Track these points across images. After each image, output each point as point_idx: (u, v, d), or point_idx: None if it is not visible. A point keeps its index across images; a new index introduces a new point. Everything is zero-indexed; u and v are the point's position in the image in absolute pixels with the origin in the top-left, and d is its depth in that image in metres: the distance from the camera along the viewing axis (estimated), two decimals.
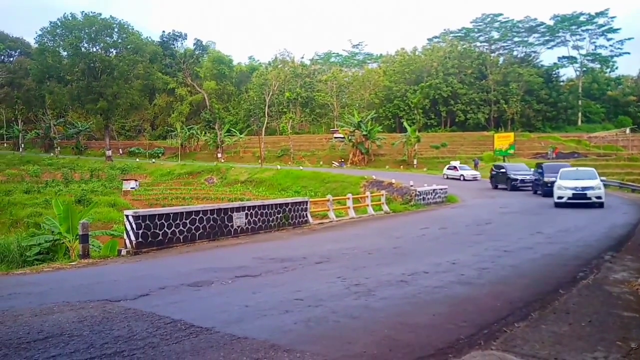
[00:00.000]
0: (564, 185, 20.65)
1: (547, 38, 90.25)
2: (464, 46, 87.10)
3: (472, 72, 79.97)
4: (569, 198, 20.11)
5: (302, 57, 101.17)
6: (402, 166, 57.41)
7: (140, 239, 11.55)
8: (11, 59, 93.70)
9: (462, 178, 41.64)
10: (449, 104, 78.26)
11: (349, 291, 6.90)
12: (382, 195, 23.04)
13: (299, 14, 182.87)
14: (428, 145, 63.40)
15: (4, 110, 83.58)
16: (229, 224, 14.12)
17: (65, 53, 69.11)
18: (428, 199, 24.62)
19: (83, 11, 68.44)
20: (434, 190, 25.49)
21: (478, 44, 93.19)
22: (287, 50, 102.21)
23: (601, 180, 21.69)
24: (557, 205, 20.36)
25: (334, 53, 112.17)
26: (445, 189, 26.59)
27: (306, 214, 17.38)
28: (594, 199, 19.94)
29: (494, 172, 34.91)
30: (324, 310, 5.84)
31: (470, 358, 4.29)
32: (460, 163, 47.03)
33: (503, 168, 34.06)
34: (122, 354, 4.36)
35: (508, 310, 5.78)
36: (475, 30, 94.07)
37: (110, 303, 6.33)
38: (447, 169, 44.93)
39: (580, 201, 19.84)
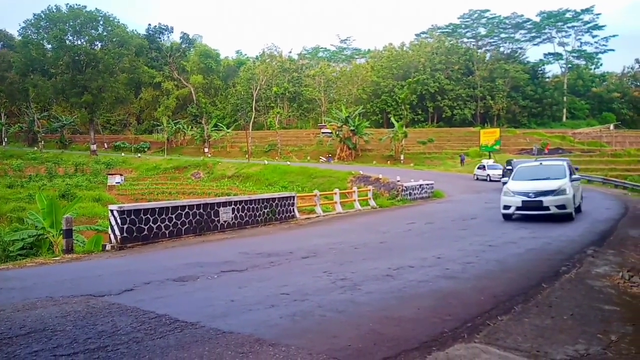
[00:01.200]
0: (513, 190, 14.58)
1: (533, 34, 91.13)
2: (451, 42, 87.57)
3: (459, 68, 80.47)
4: (518, 208, 14.31)
5: (290, 52, 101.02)
6: (389, 161, 57.61)
7: (125, 234, 11.46)
8: None
9: (488, 179, 37.22)
10: (436, 100, 78.69)
11: (335, 285, 6.91)
12: (369, 190, 23.11)
13: (287, 8, 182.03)
14: (415, 141, 63.78)
15: None
16: (216, 219, 14.07)
17: (50, 46, 68.06)
18: (414, 194, 24.74)
19: (68, 3, 67.41)
20: (420, 185, 25.60)
21: (465, 40, 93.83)
22: (274, 44, 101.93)
23: (581, 177, 16.26)
24: (505, 217, 14.74)
25: (321, 48, 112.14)
26: (431, 184, 26.74)
27: (293, 209, 17.38)
28: (554, 210, 13.83)
29: (505, 170, 30.44)
30: (309, 305, 5.85)
31: (453, 351, 4.33)
32: (495, 162, 41.67)
33: (511, 165, 28.69)
34: (106, 349, 4.33)
35: (492, 304, 5.84)
36: (463, 26, 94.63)
37: (94, 298, 6.27)
38: (477, 168, 40.47)
39: (533, 212, 14.13)
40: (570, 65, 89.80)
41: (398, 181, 25.83)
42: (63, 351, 4.30)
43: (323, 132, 68.51)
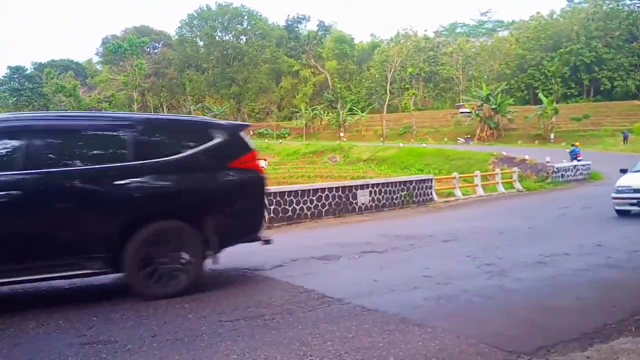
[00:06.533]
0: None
1: None
2: (610, 6, 77.34)
3: (620, 34, 70.84)
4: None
5: (426, 31, 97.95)
6: (536, 141, 53.39)
7: (272, 214, 12.26)
8: (156, 50, 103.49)
9: None
10: (592, 71, 70.44)
11: (480, 270, 6.67)
12: (514, 172, 21.67)
13: None
14: (567, 118, 58.02)
15: (151, 97, 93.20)
16: (354, 201, 14.38)
17: (202, 42, 74.68)
18: (568, 176, 22.69)
19: (217, 1, 73.20)
20: (574, 166, 23.43)
21: (627, 1, 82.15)
22: (409, 24, 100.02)
23: None
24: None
25: (459, 23, 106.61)
26: (588, 165, 24.29)
27: (431, 192, 17.04)
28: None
29: None
30: (454, 288, 5.73)
31: (619, 344, 3.93)
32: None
33: None
34: (264, 317, 4.72)
35: None
36: None
37: (250, 272, 6.87)
38: None
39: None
40: None
41: (547, 162, 23.85)
42: (226, 317, 4.78)
43: (461, 112, 65.60)
